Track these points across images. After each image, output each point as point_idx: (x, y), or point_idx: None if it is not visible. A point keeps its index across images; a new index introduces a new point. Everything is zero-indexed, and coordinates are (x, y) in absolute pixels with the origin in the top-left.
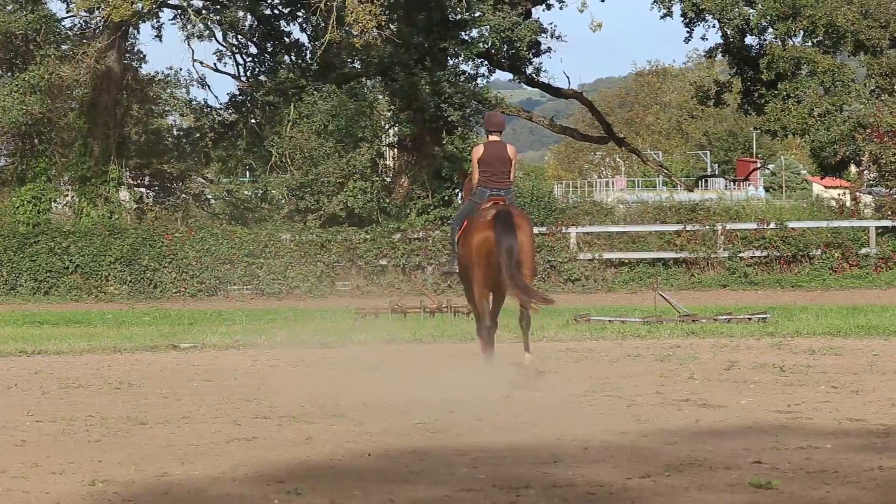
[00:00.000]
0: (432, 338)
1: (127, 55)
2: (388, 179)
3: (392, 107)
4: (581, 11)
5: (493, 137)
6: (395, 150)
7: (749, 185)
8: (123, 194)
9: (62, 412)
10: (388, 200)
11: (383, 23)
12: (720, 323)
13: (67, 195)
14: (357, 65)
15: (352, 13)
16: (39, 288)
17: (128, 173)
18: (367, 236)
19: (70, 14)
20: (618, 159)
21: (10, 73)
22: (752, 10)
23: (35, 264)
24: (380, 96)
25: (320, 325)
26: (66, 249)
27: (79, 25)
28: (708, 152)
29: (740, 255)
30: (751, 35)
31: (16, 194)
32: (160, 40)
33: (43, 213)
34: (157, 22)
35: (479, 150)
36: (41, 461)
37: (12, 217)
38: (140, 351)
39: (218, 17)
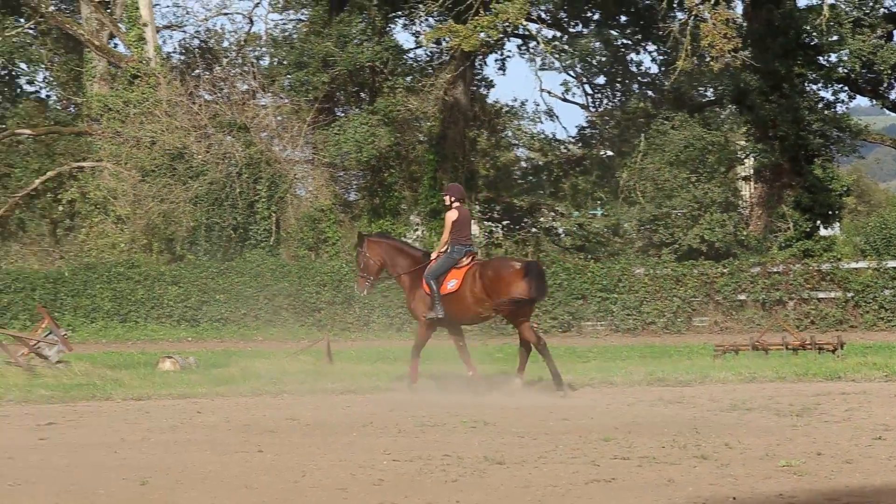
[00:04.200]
0: (796, 376)
1: (474, 86)
2: (746, 211)
3: (748, 136)
4: None
5: (457, 204)
6: (752, 180)
7: None
8: (473, 228)
9: (418, 451)
10: (745, 233)
11: (738, 46)
12: None
13: (417, 230)
14: (710, 93)
15: (707, 36)
16: (392, 324)
17: (477, 207)
18: (725, 270)
19: (417, 46)
20: None
21: (357, 107)
22: None
23: (387, 300)
24: (735, 125)
25: (678, 363)
26: None
27: (425, 57)
28: None
29: None
30: None
31: (366, 229)
32: (503, 73)
33: None
34: (503, 53)
35: (454, 215)
36: (399, 501)
37: None
38: (495, 389)
39: (567, 47)
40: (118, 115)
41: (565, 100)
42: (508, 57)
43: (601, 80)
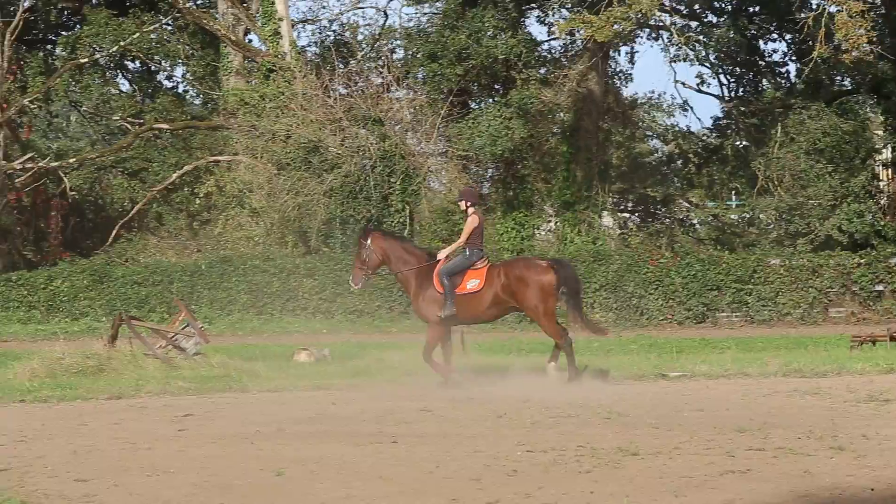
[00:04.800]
0: None
1: (607, 77)
2: (883, 201)
3: (886, 125)
4: None
5: (472, 209)
6: (890, 169)
7: None
8: (607, 220)
9: (552, 442)
10: (883, 223)
11: (874, 38)
12: None
13: (551, 221)
14: (847, 82)
15: (841, 28)
16: (525, 315)
17: (611, 198)
18: (862, 261)
19: (551, 38)
20: None
21: (491, 99)
22: None
23: None
24: (873, 114)
25: (814, 354)
26: None
27: (559, 48)
28: None
29: None
30: None
31: (500, 221)
32: (632, 65)
33: (527, 239)
34: (633, 45)
35: (475, 221)
36: (533, 492)
37: (497, 244)
38: (628, 380)
39: (701, 38)
40: (254, 110)
41: (700, 90)
42: (636, 52)
43: (736, 70)
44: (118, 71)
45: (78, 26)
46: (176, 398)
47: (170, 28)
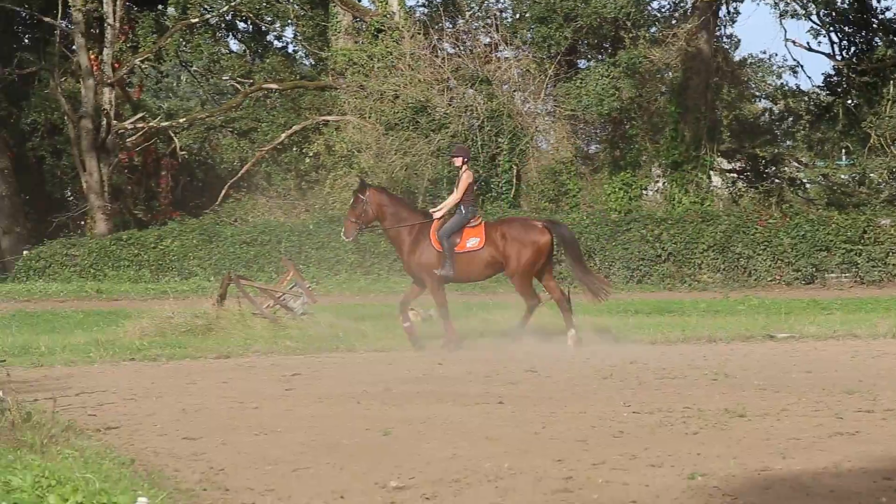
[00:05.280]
0: None
1: (716, 37)
2: None
3: None
4: None
5: (465, 167)
6: None
7: None
8: (715, 180)
9: (658, 403)
10: None
11: None
12: None
13: (658, 181)
14: None
15: None
16: (632, 276)
17: (719, 158)
18: None
19: None
20: None
21: (599, 58)
22: None
23: (627, 252)
24: None
25: None
26: (659, 237)
27: (668, 7)
28: None
29: None
30: None
31: (607, 181)
32: (731, 24)
33: (634, 199)
34: (741, 2)
35: (470, 177)
36: (639, 453)
37: (604, 204)
38: (735, 341)
39: None
40: (362, 70)
41: (810, 49)
42: (739, 13)
43: (847, 28)
44: (228, 31)
45: None
46: (283, 358)
47: None
